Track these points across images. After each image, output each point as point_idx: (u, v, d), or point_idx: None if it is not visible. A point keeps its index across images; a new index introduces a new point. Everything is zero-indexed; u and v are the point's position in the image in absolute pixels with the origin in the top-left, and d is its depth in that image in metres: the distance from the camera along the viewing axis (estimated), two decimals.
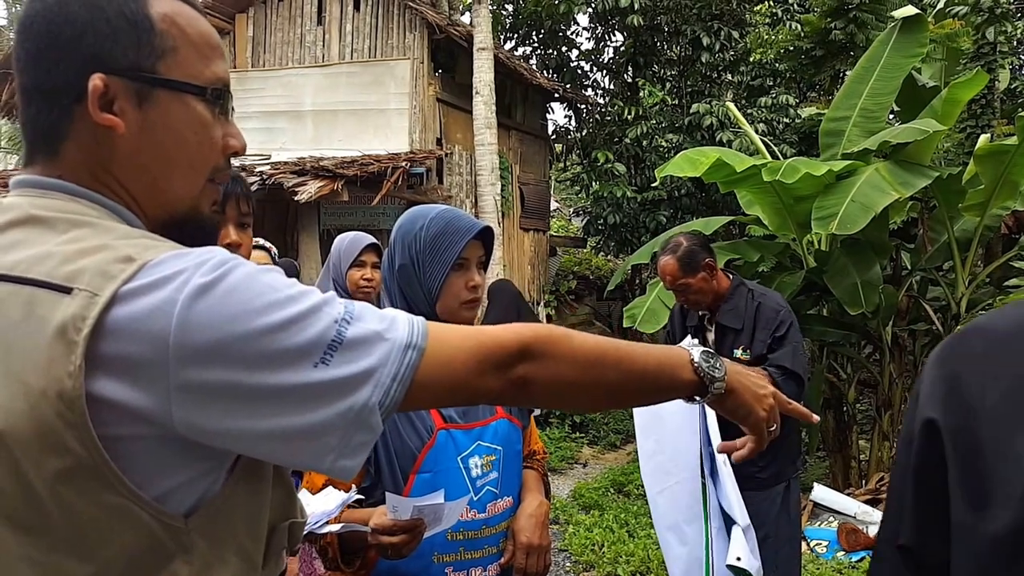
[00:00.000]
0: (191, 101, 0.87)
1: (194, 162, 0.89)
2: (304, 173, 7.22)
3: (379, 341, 0.80)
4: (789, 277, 6.08)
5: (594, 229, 12.68)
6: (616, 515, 5.65)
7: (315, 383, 0.75)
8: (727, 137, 10.48)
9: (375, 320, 0.82)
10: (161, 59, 0.85)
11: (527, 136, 11.41)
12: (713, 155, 5.63)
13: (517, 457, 1.78)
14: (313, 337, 0.76)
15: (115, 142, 0.84)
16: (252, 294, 0.75)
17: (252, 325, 0.74)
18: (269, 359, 0.74)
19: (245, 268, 0.77)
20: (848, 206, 5.02)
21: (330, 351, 0.77)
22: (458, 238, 1.63)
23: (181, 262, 0.75)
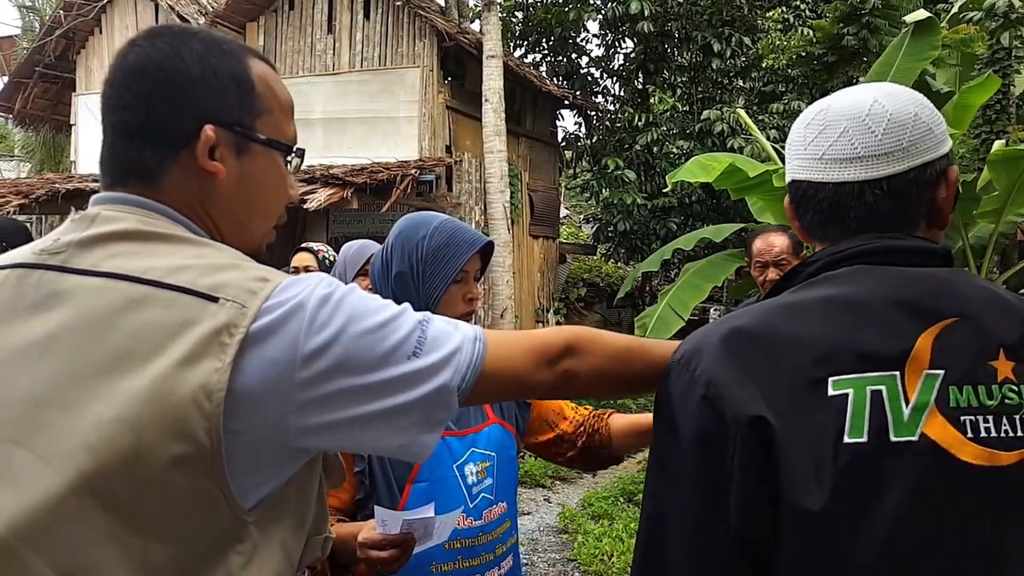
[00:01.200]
0: (277, 157, 0.98)
1: (271, 210, 1.01)
2: (314, 181, 7.24)
3: (454, 335, 0.93)
4: None
5: (604, 236, 12.66)
6: (626, 524, 5.61)
7: (412, 371, 0.88)
8: (738, 143, 10.44)
9: (444, 321, 0.95)
10: (259, 117, 0.95)
11: (537, 143, 11.41)
12: (725, 160, 5.61)
13: (511, 462, 1.78)
14: (406, 335, 0.89)
15: (214, 186, 0.93)
16: (357, 305, 0.88)
17: (361, 326, 0.86)
18: (377, 354, 0.86)
19: (345, 287, 0.90)
20: None
21: (419, 345, 0.89)
22: (462, 251, 1.64)
23: (300, 285, 0.86)
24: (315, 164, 8.29)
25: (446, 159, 8.79)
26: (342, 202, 7.12)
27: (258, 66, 0.97)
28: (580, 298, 12.33)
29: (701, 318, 14.57)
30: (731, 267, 6.37)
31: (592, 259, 15.24)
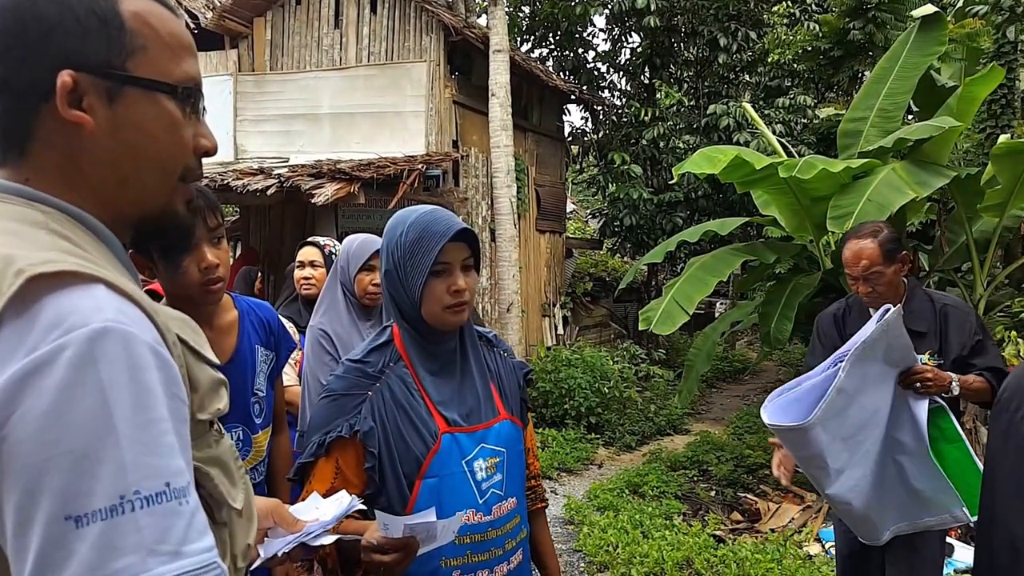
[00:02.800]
0: (161, 99, 0.87)
1: (164, 161, 0.89)
2: (321, 176, 7.28)
3: (132, 555, 0.68)
4: (805, 279, 6.07)
5: (610, 231, 12.68)
6: (631, 516, 5.64)
7: (47, 531, 0.67)
8: (744, 138, 10.46)
9: (169, 534, 0.71)
10: (131, 57, 0.85)
11: (543, 138, 11.43)
12: (731, 153, 5.63)
13: (520, 457, 1.79)
14: (86, 491, 0.68)
15: (84, 140, 0.83)
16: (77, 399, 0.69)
17: (56, 432, 0.68)
18: (46, 474, 0.68)
19: (104, 367, 0.70)
20: (864, 205, 5.01)
21: (90, 519, 0.68)
22: (434, 243, 1.60)
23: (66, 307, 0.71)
24: (322, 159, 8.34)
25: (453, 154, 8.82)
26: (349, 197, 7.15)
27: (132, 1, 0.86)
28: (586, 292, 12.36)
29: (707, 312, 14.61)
30: (736, 261, 6.40)
31: (598, 254, 15.28)
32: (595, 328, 12.30)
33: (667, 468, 6.99)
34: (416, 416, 1.62)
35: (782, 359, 12.22)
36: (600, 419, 8.38)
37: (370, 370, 1.65)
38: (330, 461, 1.61)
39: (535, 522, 1.91)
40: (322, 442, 1.60)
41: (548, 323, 11.03)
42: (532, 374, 1.98)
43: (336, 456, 1.61)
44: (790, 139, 10.53)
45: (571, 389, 8.15)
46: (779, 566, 4.51)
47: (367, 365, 1.66)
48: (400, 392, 1.63)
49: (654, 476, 6.67)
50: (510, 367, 1.84)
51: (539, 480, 1.97)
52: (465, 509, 1.60)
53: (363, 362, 1.67)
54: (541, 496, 1.96)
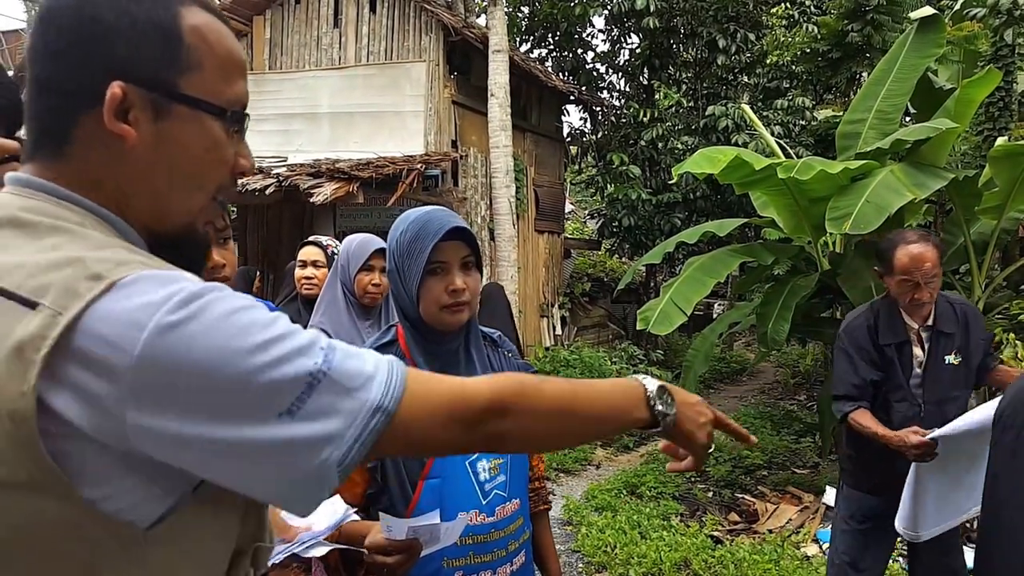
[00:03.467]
0: (208, 120, 0.85)
1: (201, 180, 0.88)
2: (320, 175, 7.28)
3: (349, 400, 0.78)
4: (803, 280, 6.06)
5: (609, 231, 12.69)
6: (628, 516, 5.64)
7: (276, 439, 0.74)
8: (743, 139, 10.47)
9: (351, 374, 0.80)
10: (184, 74, 0.83)
11: (542, 138, 11.45)
12: (731, 153, 5.63)
13: (523, 459, 1.79)
14: (281, 387, 0.74)
15: (124, 151, 0.81)
16: (220, 338, 0.72)
17: (217, 375, 0.72)
18: (231, 411, 0.73)
19: (217, 306, 0.74)
20: (862, 206, 5.01)
21: (298, 404, 0.75)
22: (427, 242, 1.60)
23: (150, 292, 0.72)
24: (321, 158, 8.34)
25: (452, 154, 8.83)
26: (348, 196, 7.15)
27: (194, 15, 0.84)
28: (584, 293, 12.37)
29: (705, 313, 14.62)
30: (734, 263, 6.40)
31: (597, 254, 15.28)
32: (593, 328, 12.31)
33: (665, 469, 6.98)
34: None
35: (779, 360, 12.23)
36: None
37: None
38: None
39: (537, 524, 1.91)
40: None
41: (546, 323, 11.04)
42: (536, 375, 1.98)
43: None
44: (788, 140, 10.53)
45: None
46: (777, 567, 4.51)
47: None
48: None
49: (652, 477, 6.67)
50: (515, 368, 1.84)
51: (543, 482, 1.98)
52: (468, 510, 1.60)
53: None
54: (544, 498, 1.96)
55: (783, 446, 7.38)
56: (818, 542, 5.03)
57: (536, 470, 1.93)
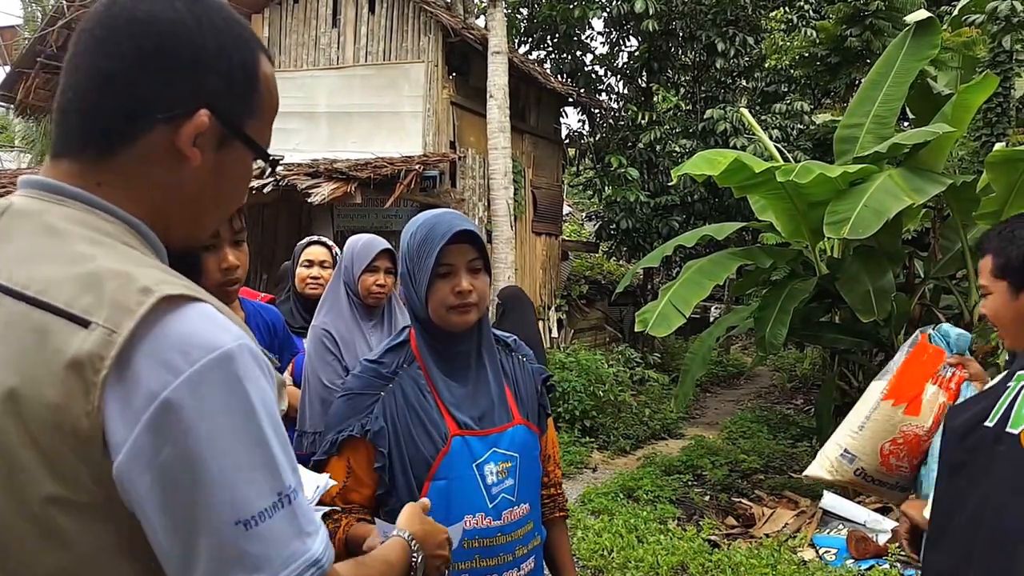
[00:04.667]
0: (249, 157, 0.92)
1: (230, 205, 0.94)
2: (318, 175, 7.25)
3: (296, 541, 0.78)
4: (801, 284, 6.06)
5: (606, 234, 12.68)
6: (625, 520, 5.62)
7: (220, 538, 0.73)
8: (741, 143, 10.47)
9: (309, 516, 0.81)
10: (252, 117, 0.89)
11: (540, 140, 11.43)
12: (731, 156, 5.63)
13: (534, 463, 1.77)
14: (251, 496, 0.74)
15: (183, 172, 0.85)
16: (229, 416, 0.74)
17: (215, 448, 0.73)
18: (209, 488, 0.73)
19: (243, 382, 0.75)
20: (860, 211, 5.01)
21: (258, 519, 0.75)
22: (435, 245, 1.62)
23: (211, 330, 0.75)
24: (319, 158, 8.32)
25: (450, 155, 8.81)
26: (346, 196, 7.13)
27: (266, 65, 0.91)
28: (582, 295, 12.35)
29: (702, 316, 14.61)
30: (733, 265, 6.39)
31: (594, 257, 15.27)
32: (590, 331, 12.30)
33: (662, 472, 6.97)
34: (427, 417, 1.63)
35: (776, 364, 12.23)
36: (594, 423, 8.36)
37: (384, 370, 1.68)
38: (342, 460, 1.64)
39: (553, 531, 1.89)
40: (334, 441, 1.63)
41: (543, 326, 11.02)
42: (552, 380, 1.97)
43: (348, 455, 1.63)
44: (786, 145, 10.52)
45: (565, 392, 8.12)
46: (774, 571, 4.50)
47: (382, 366, 1.69)
48: (412, 393, 1.65)
49: (648, 480, 6.65)
50: (528, 372, 1.84)
51: (560, 489, 1.96)
52: (474, 513, 1.61)
53: (378, 362, 1.70)
54: (561, 505, 1.94)
55: (780, 450, 7.38)
56: (815, 546, 5.02)
57: (552, 476, 1.92)
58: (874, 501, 5.54)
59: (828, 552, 5.07)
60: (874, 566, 4.77)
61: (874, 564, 4.80)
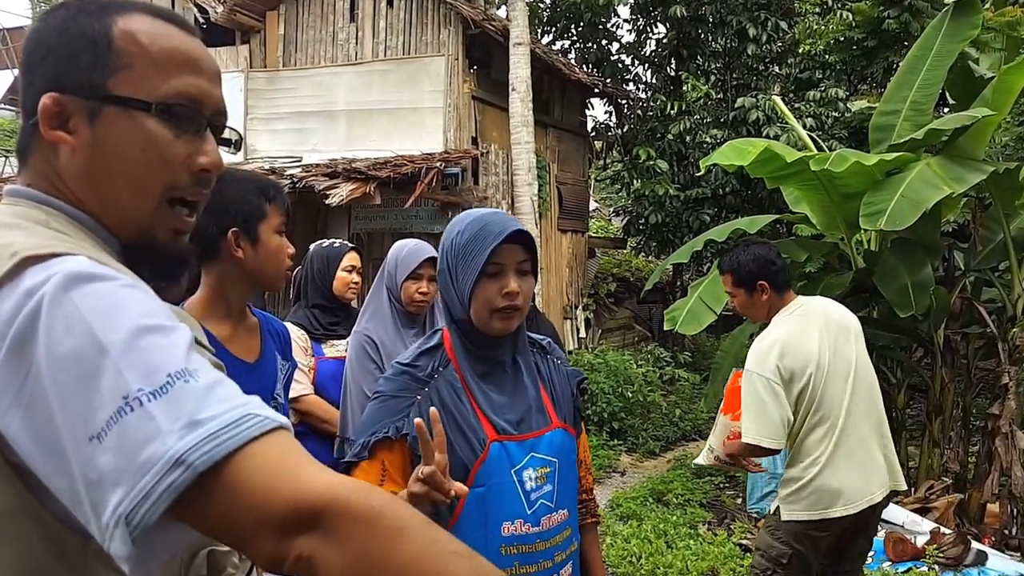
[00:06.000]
0: (140, 118, 0.87)
1: (140, 178, 0.88)
2: (336, 175, 7.15)
3: (155, 442, 0.68)
4: (837, 278, 5.81)
5: (634, 229, 12.43)
6: (655, 525, 5.48)
7: (82, 460, 0.69)
8: (774, 132, 10.15)
9: (181, 412, 0.70)
10: (113, 75, 0.86)
11: (566, 133, 11.20)
12: (761, 145, 5.41)
13: (572, 468, 1.76)
14: (95, 407, 0.69)
15: (66, 157, 0.87)
16: (65, 333, 0.71)
17: (56, 368, 0.71)
18: (62, 410, 0.70)
19: (80, 299, 0.73)
20: (897, 202, 4.76)
21: (106, 430, 0.69)
22: (487, 243, 1.58)
23: (43, 272, 0.74)
24: (337, 157, 8.21)
25: (472, 151, 8.63)
26: (365, 197, 7.01)
27: (131, 21, 0.88)
28: (609, 294, 12.11)
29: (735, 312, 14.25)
30: None
31: (622, 253, 14.99)
32: (619, 330, 12.06)
33: (692, 475, 6.79)
34: (464, 423, 1.61)
35: None
36: (623, 424, 8.18)
37: (420, 374, 1.66)
38: (375, 463, 1.61)
39: (585, 537, 1.89)
40: (366, 443, 1.61)
41: (570, 326, 10.81)
42: (586, 383, 1.95)
43: (382, 458, 1.61)
44: (821, 133, 10.19)
45: (594, 394, 7.95)
46: None
47: (417, 368, 1.67)
48: (449, 397, 1.63)
49: (679, 483, 6.49)
50: (564, 375, 1.83)
51: (592, 495, 1.96)
52: (512, 519, 1.60)
53: (412, 365, 1.68)
54: (593, 511, 1.95)
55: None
56: None
57: (584, 481, 1.92)
58: (912, 502, 5.32)
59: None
60: (911, 568, 4.65)
61: (912, 567, 4.68)
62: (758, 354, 3.03)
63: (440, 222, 8.20)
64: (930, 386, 5.74)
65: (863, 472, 2.99)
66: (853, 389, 3.04)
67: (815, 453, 2.97)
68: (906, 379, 6.06)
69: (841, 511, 2.93)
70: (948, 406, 5.63)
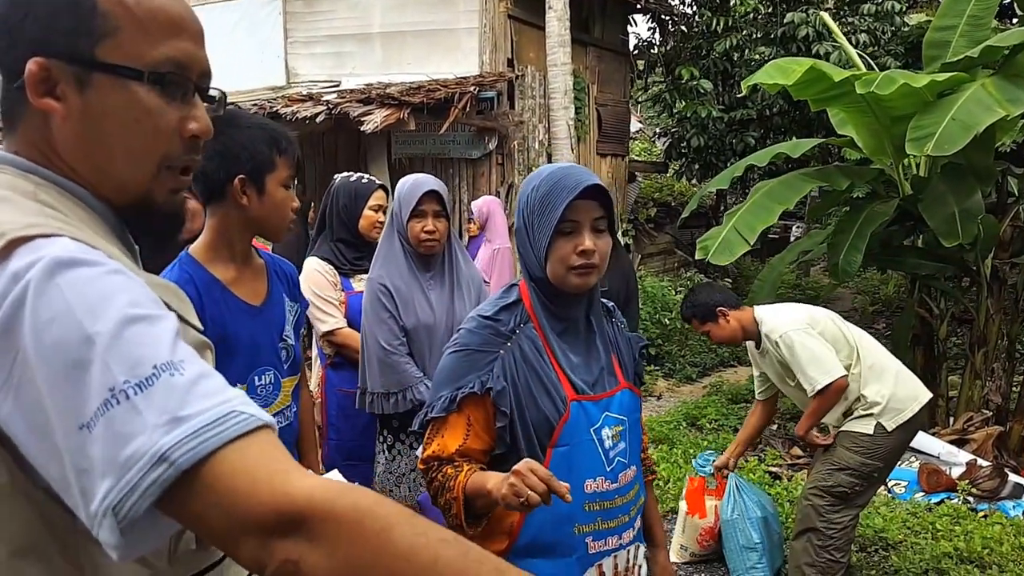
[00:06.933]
0: (132, 86, 0.86)
1: (135, 149, 0.88)
2: (370, 101, 7.08)
3: (140, 437, 0.69)
4: (881, 206, 5.64)
5: (676, 153, 12.13)
6: (685, 450, 5.53)
7: (72, 448, 0.70)
8: (824, 49, 9.70)
9: (166, 406, 0.70)
10: (100, 42, 0.84)
11: (606, 53, 10.85)
12: (806, 64, 5.20)
13: (638, 426, 1.81)
14: (84, 397, 0.69)
15: (56, 126, 0.85)
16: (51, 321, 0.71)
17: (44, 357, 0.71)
18: (51, 397, 0.70)
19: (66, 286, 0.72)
20: (947, 125, 4.54)
21: (94, 420, 0.69)
22: (560, 200, 1.57)
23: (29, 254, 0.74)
24: (373, 82, 8.11)
25: (507, 74, 8.44)
26: (399, 123, 6.94)
27: None
28: (650, 219, 11.93)
29: (782, 236, 13.97)
30: (806, 187, 5.94)
31: (663, 177, 14.69)
32: (659, 256, 11.92)
33: (728, 401, 6.81)
34: (548, 380, 1.64)
35: (858, 286, 11.65)
36: (660, 351, 8.18)
37: (502, 328, 1.67)
38: (462, 417, 1.63)
39: (646, 493, 1.95)
40: (453, 397, 1.62)
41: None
42: (648, 347, 2.03)
43: (468, 412, 1.63)
44: (876, 49, 9.72)
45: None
46: None
47: (499, 323, 1.68)
48: (531, 354, 1.65)
49: (713, 409, 6.51)
50: (626, 339, 1.85)
51: (647, 452, 2.01)
52: (594, 477, 1.65)
53: (495, 319, 1.69)
54: (650, 468, 2.01)
55: None
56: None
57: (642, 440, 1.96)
58: (949, 433, 5.25)
59: (898, 484, 4.90)
60: (944, 500, 4.60)
61: (945, 498, 4.63)
62: (780, 322, 3.40)
63: (477, 147, 8.10)
64: (975, 317, 5.59)
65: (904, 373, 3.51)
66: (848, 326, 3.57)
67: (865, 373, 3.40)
68: (949, 309, 5.91)
69: (924, 396, 3.45)
70: (992, 337, 5.49)
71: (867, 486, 3.43)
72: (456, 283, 2.81)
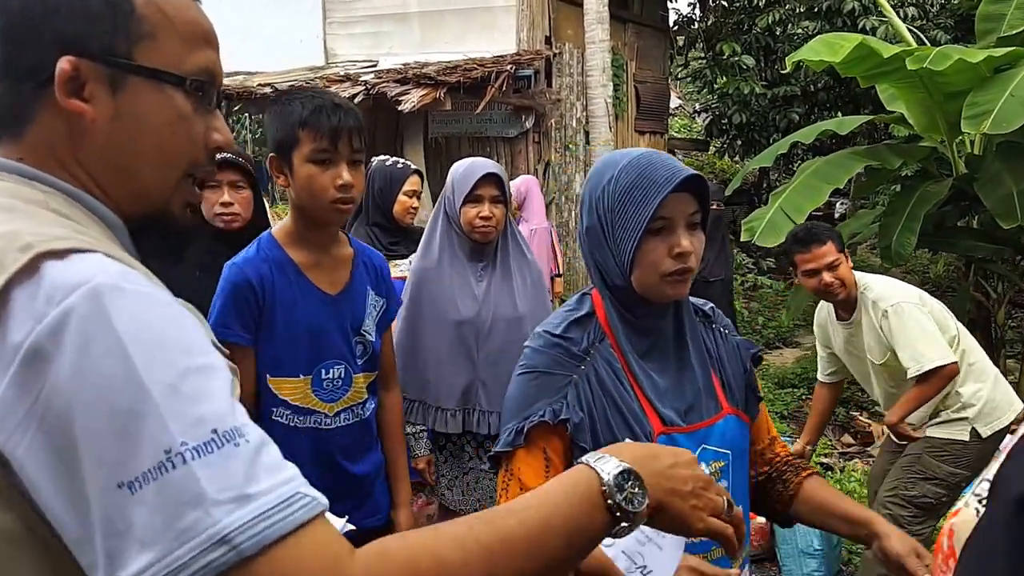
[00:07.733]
0: (169, 91, 0.83)
1: (167, 156, 0.85)
2: (407, 81, 7.03)
3: (197, 510, 0.62)
4: (935, 186, 5.44)
5: (718, 129, 11.92)
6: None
7: (107, 506, 0.62)
8: (871, 24, 9.42)
9: (230, 480, 0.64)
10: (138, 44, 0.81)
11: (645, 29, 10.66)
12: (854, 40, 4.99)
13: (745, 457, 1.52)
14: (132, 453, 0.63)
15: (84, 128, 0.80)
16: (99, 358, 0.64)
17: (85, 399, 0.63)
18: (87, 445, 0.63)
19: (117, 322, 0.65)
20: (1006, 101, 4.35)
21: (141, 481, 0.62)
22: (653, 192, 1.31)
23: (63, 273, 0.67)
24: (411, 61, 8.05)
25: (544, 51, 8.32)
26: (435, 103, 6.88)
27: None
28: None
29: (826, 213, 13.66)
30: (855, 166, 5.76)
31: (704, 155, 14.44)
32: None
33: (774, 385, 6.68)
34: (629, 412, 1.39)
35: (907, 266, 11.36)
36: None
37: (575, 348, 1.42)
38: (536, 451, 1.39)
39: (810, 482, 1.58)
40: (520, 429, 1.38)
41: None
42: (762, 354, 1.68)
43: (542, 445, 1.39)
44: (924, 23, 9.40)
45: None
46: None
47: (570, 342, 1.42)
48: (609, 380, 1.40)
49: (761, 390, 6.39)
50: (732, 347, 1.55)
51: (776, 452, 1.65)
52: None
53: (565, 338, 1.43)
54: (806, 467, 1.63)
55: None
56: None
57: (780, 448, 1.64)
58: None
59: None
60: None
61: None
62: (892, 291, 3.10)
63: (514, 125, 8.02)
64: None
65: (1001, 377, 3.24)
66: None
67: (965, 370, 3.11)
68: (1007, 293, 5.71)
69: (1019, 404, 3.15)
70: None
71: (953, 497, 3.13)
72: (508, 275, 2.62)
